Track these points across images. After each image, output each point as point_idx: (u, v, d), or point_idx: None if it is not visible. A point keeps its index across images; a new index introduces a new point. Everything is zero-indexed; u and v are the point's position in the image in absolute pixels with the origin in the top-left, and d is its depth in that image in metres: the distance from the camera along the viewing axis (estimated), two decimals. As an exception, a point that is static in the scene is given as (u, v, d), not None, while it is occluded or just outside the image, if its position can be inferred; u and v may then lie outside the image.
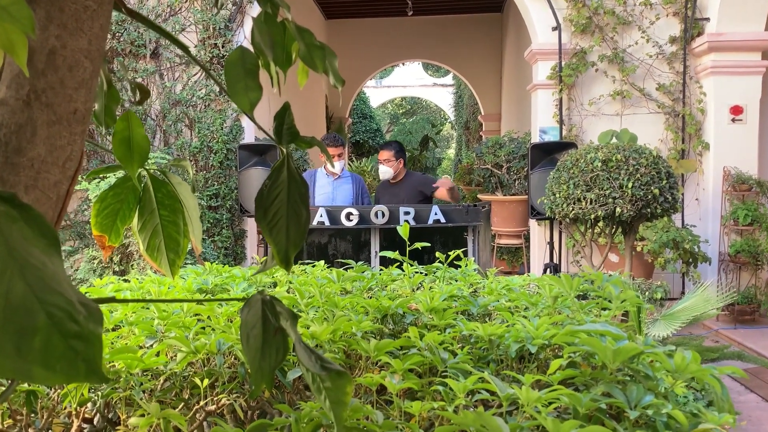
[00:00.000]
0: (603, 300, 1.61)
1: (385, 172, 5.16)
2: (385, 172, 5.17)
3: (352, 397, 0.69)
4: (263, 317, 0.69)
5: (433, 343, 1.19)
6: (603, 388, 1.00)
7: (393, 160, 5.14)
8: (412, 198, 5.04)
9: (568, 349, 1.14)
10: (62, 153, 0.65)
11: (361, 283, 1.97)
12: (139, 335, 1.35)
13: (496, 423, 0.76)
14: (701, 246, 6.10)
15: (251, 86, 0.74)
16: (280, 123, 0.87)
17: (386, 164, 5.14)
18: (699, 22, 6.52)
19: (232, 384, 1.16)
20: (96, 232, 1.07)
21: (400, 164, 5.20)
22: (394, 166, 5.16)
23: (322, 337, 1.20)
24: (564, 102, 6.66)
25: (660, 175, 3.99)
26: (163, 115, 6.68)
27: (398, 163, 5.18)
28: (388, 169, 5.14)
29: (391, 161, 5.14)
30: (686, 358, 1.02)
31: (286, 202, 0.89)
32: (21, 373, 0.45)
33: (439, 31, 13.44)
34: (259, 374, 0.65)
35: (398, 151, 5.22)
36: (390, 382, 1.00)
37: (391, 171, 5.15)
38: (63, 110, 0.64)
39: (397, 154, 5.18)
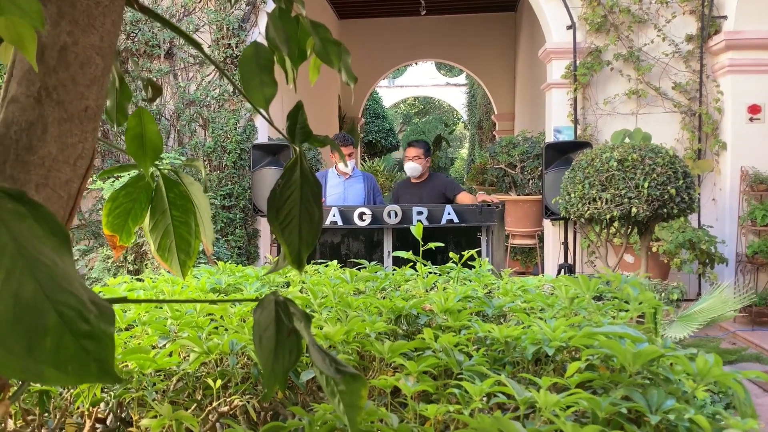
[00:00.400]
0: (620, 301, 1.58)
1: (414, 168, 5.13)
2: (413, 168, 5.13)
3: (366, 400, 0.67)
4: (276, 318, 0.67)
5: (448, 345, 1.17)
6: (623, 392, 0.98)
7: (422, 157, 5.13)
8: (435, 199, 5.00)
9: (587, 352, 1.11)
10: (73, 151, 0.64)
11: (374, 283, 1.95)
12: (152, 335, 1.34)
13: (515, 427, 0.75)
14: (718, 247, 6.02)
15: (266, 82, 0.73)
16: (293, 122, 0.86)
17: (415, 161, 5.12)
18: (716, 20, 6.44)
19: (245, 385, 1.14)
20: (107, 231, 1.06)
21: (428, 162, 5.19)
22: (423, 164, 5.14)
23: (336, 338, 1.18)
24: (579, 101, 6.61)
25: (677, 174, 3.94)
26: (177, 115, 6.71)
27: (426, 161, 5.17)
28: (417, 166, 5.12)
29: (420, 158, 5.12)
30: (708, 362, 0.99)
31: (299, 202, 0.88)
32: (32, 373, 0.44)
33: (453, 31, 13.40)
34: (272, 376, 0.64)
35: (427, 150, 5.20)
36: (405, 384, 0.99)
37: (420, 168, 5.12)
38: (74, 108, 0.63)
39: (426, 152, 5.17)
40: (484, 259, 2.46)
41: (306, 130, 0.86)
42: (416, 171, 5.12)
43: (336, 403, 0.70)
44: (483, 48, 13.53)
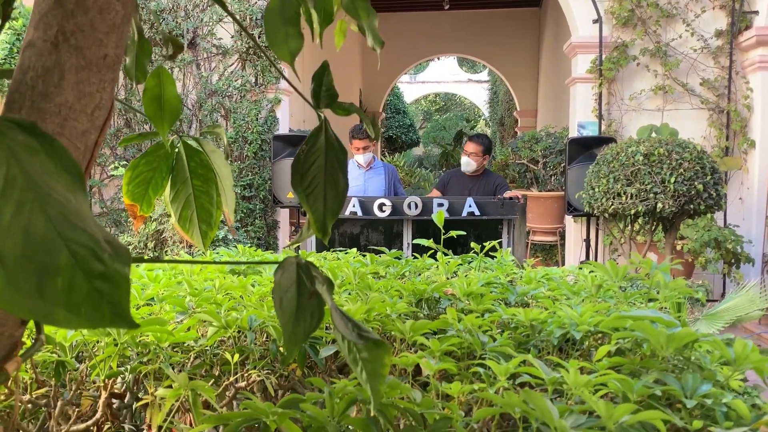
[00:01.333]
0: (650, 290, 1.53)
1: (470, 164, 5.13)
2: (469, 164, 5.13)
3: (389, 368, 0.64)
4: (298, 280, 0.64)
5: (472, 326, 1.13)
6: (655, 376, 0.94)
7: (479, 156, 5.13)
8: (485, 194, 4.97)
9: (617, 335, 1.07)
10: (91, 100, 0.62)
11: (394, 268, 1.92)
12: (171, 311, 1.33)
13: (545, 403, 0.71)
14: (744, 246, 5.89)
15: (291, 34, 0.70)
16: (318, 84, 0.83)
17: (472, 157, 5.12)
18: (747, 16, 6.30)
19: (263, 361, 1.12)
20: (127, 200, 1.04)
21: (484, 161, 5.18)
22: (479, 162, 5.13)
23: (356, 316, 1.15)
24: (604, 96, 6.51)
25: (704, 170, 3.86)
26: (199, 104, 6.73)
27: (483, 159, 5.16)
28: (473, 163, 5.12)
29: (477, 156, 5.12)
30: (747, 346, 0.95)
31: (323, 168, 0.85)
32: (42, 314, 0.41)
33: (476, 26, 13.30)
34: (292, 339, 0.61)
35: (487, 148, 5.17)
36: (427, 362, 0.95)
37: (475, 165, 5.13)
38: (93, 55, 0.61)
39: (485, 150, 5.15)
40: (506, 249, 2.42)
41: (332, 92, 0.83)
42: (470, 167, 5.14)
43: (359, 372, 0.67)
44: (506, 44, 13.42)
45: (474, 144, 5.15)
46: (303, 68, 7.59)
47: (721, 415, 0.84)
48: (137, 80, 0.81)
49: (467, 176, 5.19)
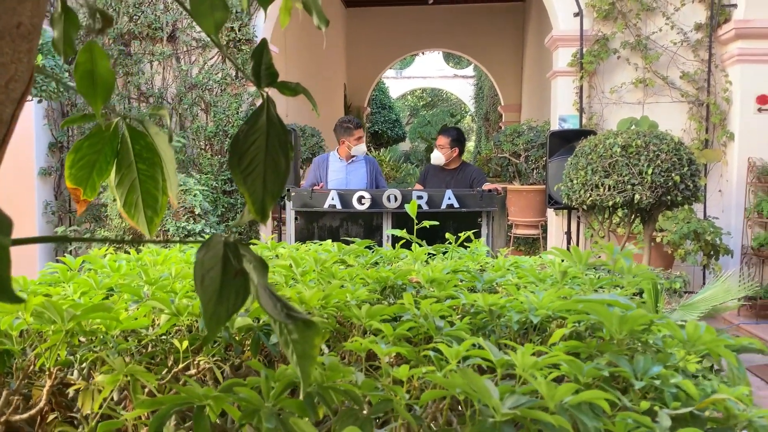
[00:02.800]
0: (616, 277, 1.53)
1: (437, 157, 5.21)
2: (437, 157, 5.21)
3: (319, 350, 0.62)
4: (224, 258, 0.62)
5: (429, 311, 1.12)
6: (608, 358, 0.93)
7: (447, 147, 5.18)
8: (461, 186, 5.00)
9: (572, 318, 1.06)
10: (5, 72, 0.59)
11: (364, 258, 1.90)
12: (127, 300, 1.30)
13: (483, 383, 0.69)
14: (723, 238, 5.94)
15: (216, 5, 0.67)
16: (258, 62, 0.81)
17: (440, 149, 5.18)
18: (726, 9, 6.34)
19: (215, 349, 1.10)
20: (70, 184, 1.02)
21: (454, 152, 5.21)
22: (447, 154, 5.18)
23: (312, 303, 1.14)
24: (584, 89, 6.53)
25: (681, 161, 3.87)
26: (179, 98, 6.66)
27: (452, 151, 5.20)
28: (441, 156, 5.18)
29: (445, 148, 5.18)
30: (699, 328, 0.94)
31: (264, 149, 0.83)
32: None
33: (460, 21, 13.29)
34: (214, 319, 0.59)
35: (455, 140, 5.22)
36: (378, 346, 0.94)
37: (443, 158, 5.18)
38: (4, 23, 0.58)
39: (453, 142, 5.20)
40: (479, 240, 2.41)
41: (272, 71, 0.81)
42: (439, 160, 5.18)
43: (290, 354, 0.65)
44: (490, 38, 13.42)
45: (442, 136, 5.22)
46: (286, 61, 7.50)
47: (669, 396, 0.83)
48: (66, 55, 0.78)
49: (445, 170, 5.23)
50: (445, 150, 5.15)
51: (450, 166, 5.23)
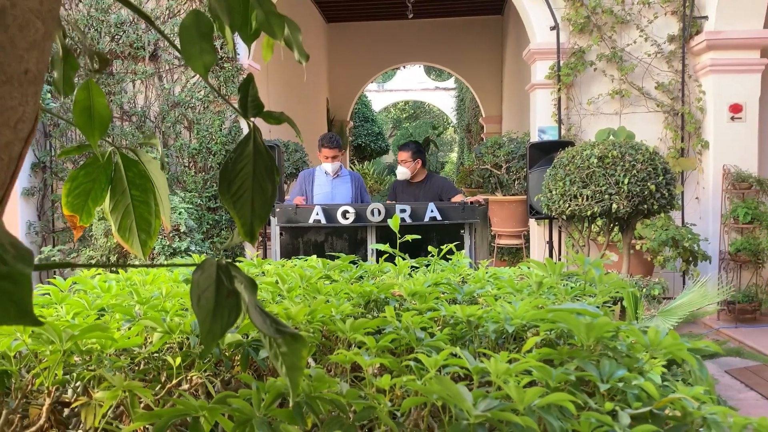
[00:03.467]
0: (586, 285, 1.60)
1: (403, 173, 5.28)
2: (403, 173, 5.29)
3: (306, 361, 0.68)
4: (217, 280, 0.68)
5: (410, 323, 1.18)
6: (577, 363, 0.99)
7: (410, 160, 5.25)
8: (431, 199, 5.08)
9: (544, 327, 1.13)
10: (13, 114, 0.65)
11: (348, 273, 1.96)
12: (120, 319, 1.35)
13: (457, 389, 0.76)
14: (701, 244, 6.06)
15: (206, 49, 0.74)
16: (244, 95, 0.87)
17: (404, 165, 5.26)
18: (697, 21, 6.51)
19: (207, 365, 1.15)
20: (67, 212, 1.07)
21: (417, 164, 5.29)
22: (411, 167, 5.26)
23: (299, 318, 1.19)
24: (562, 101, 6.66)
25: (657, 171, 3.98)
26: (162, 116, 6.69)
27: (416, 163, 5.28)
28: (406, 170, 5.26)
29: (408, 162, 5.25)
30: (660, 333, 1.01)
31: (251, 175, 0.88)
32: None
33: (440, 34, 13.46)
34: (210, 336, 0.65)
35: (415, 152, 5.30)
36: (362, 358, 0.99)
37: (409, 172, 5.26)
38: (13, 70, 0.64)
39: (414, 154, 5.28)
40: (461, 252, 2.47)
41: (257, 103, 0.87)
42: (405, 175, 5.27)
43: (279, 366, 0.70)
44: (470, 51, 13.60)
45: (403, 152, 5.30)
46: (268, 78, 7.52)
47: (632, 397, 0.90)
48: (65, 93, 0.84)
49: (413, 184, 5.33)
50: (409, 164, 5.23)
51: (416, 179, 5.32)
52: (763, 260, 6.18)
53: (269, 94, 8.67)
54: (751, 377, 4.89)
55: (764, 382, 4.76)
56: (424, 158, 5.40)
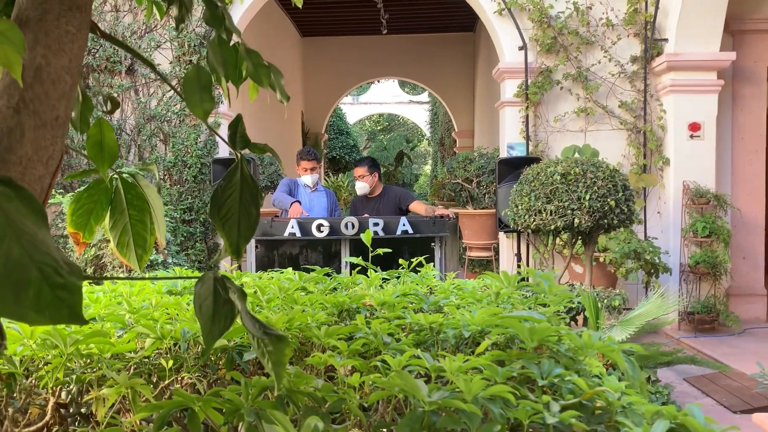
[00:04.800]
0: (539, 296, 1.76)
1: (362, 187, 5.42)
2: (361, 187, 5.42)
3: (289, 358, 0.82)
4: (214, 291, 0.82)
5: (379, 330, 1.32)
6: (521, 363, 1.15)
7: (367, 175, 5.39)
8: (390, 211, 5.26)
9: (495, 331, 1.28)
10: (45, 152, 0.78)
11: (322, 285, 2.09)
12: (111, 328, 1.46)
13: (414, 382, 0.90)
14: (662, 257, 6.32)
15: (205, 98, 0.88)
16: (234, 131, 1.01)
17: (362, 180, 5.39)
18: (658, 43, 6.81)
19: (195, 368, 1.28)
20: (71, 229, 1.19)
21: (374, 178, 5.44)
22: (369, 181, 5.41)
23: (278, 326, 1.33)
24: (530, 119, 6.89)
25: (616, 187, 4.19)
26: (138, 129, 6.76)
27: (373, 177, 5.42)
28: (364, 185, 5.40)
29: (365, 176, 5.39)
30: (592, 336, 1.17)
31: (238, 201, 1.02)
32: (18, 316, 0.58)
33: (414, 50, 13.71)
34: (210, 337, 0.79)
35: (371, 166, 5.45)
36: (335, 359, 1.14)
37: (367, 186, 5.40)
38: (47, 117, 0.77)
39: (370, 168, 5.42)
40: (429, 265, 2.62)
41: (245, 138, 1.02)
42: (364, 189, 5.42)
43: (266, 363, 0.84)
44: (443, 67, 13.87)
45: (359, 167, 5.47)
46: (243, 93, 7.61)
47: (566, 391, 1.05)
48: (81, 131, 0.97)
49: (370, 198, 5.49)
50: (367, 178, 5.40)
51: (374, 193, 5.49)
52: (720, 273, 6.45)
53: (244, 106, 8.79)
54: (708, 384, 5.12)
55: (720, 389, 4.99)
56: (380, 172, 5.58)
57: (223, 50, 0.91)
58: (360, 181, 5.42)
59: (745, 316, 6.98)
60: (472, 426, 0.87)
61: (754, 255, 7.10)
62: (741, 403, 4.61)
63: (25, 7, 0.77)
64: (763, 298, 7.10)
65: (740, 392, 4.79)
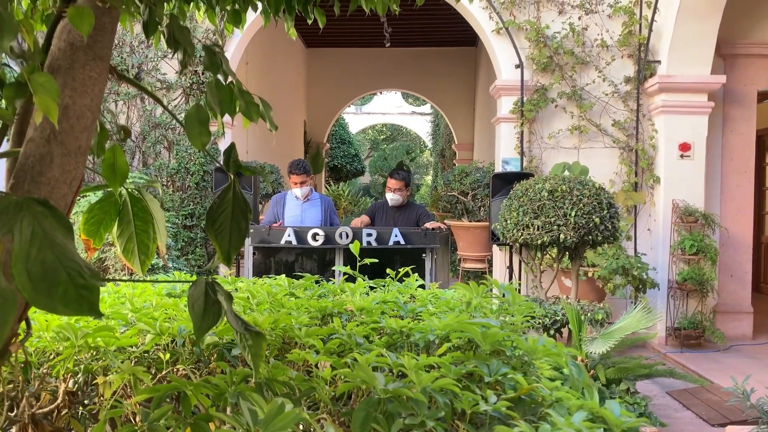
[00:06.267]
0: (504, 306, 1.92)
1: (395, 200, 5.67)
2: (395, 200, 5.68)
3: (265, 351, 0.99)
4: (205, 292, 0.99)
5: (353, 332, 1.49)
6: (474, 362, 1.31)
7: (404, 189, 5.70)
8: (408, 223, 5.48)
9: (455, 335, 1.45)
10: (69, 175, 0.95)
11: (310, 291, 2.26)
12: (116, 325, 1.63)
13: (372, 374, 1.06)
14: (650, 273, 6.48)
15: (203, 132, 1.05)
16: (228, 157, 1.19)
17: (397, 193, 5.66)
18: (651, 64, 7.00)
19: (190, 361, 1.44)
20: (83, 236, 1.36)
21: (408, 192, 5.74)
22: (403, 195, 5.71)
23: (264, 326, 1.49)
24: (525, 135, 7.07)
25: (601, 205, 4.36)
26: (143, 137, 6.95)
27: (407, 192, 5.74)
28: (399, 198, 5.67)
29: (402, 191, 5.69)
30: (538, 341, 1.33)
31: (230, 216, 1.19)
32: (50, 308, 0.75)
33: (416, 63, 13.93)
34: (200, 330, 0.95)
35: (408, 183, 5.71)
36: (310, 355, 1.30)
37: (401, 199, 5.68)
38: (71, 146, 0.94)
39: (407, 184, 5.72)
40: (414, 275, 2.79)
41: (237, 162, 1.19)
42: (397, 202, 5.68)
43: (246, 354, 1.01)
44: (445, 80, 14.08)
45: (396, 180, 5.68)
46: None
47: (509, 387, 1.22)
48: (98, 155, 1.14)
49: (393, 208, 5.68)
50: (402, 192, 5.63)
51: (399, 204, 5.69)
52: (707, 290, 6.60)
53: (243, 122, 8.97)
54: (689, 398, 5.27)
55: (700, 402, 5.14)
56: (411, 186, 5.83)
57: (220, 91, 1.08)
58: (395, 194, 5.66)
59: (732, 332, 7.13)
60: (419, 411, 1.03)
61: (741, 273, 7.25)
62: (719, 417, 4.76)
63: (57, 57, 0.94)
64: (749, 316, 7.24)
65: (719, 406, 4.94)
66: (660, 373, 4.26)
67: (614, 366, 4.28)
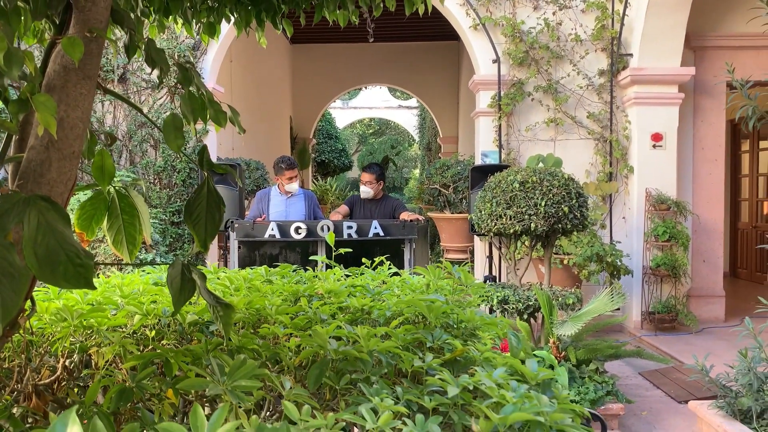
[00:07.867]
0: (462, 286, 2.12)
1: (366, 192, 5.91)
2: (366, 192, 5.91)
3: (234, 320, 1.18)
4: (182, 272, 1.18)
5: (319, 310, 1.69)
6: (422, 332, 1.51)
7: (374, 182, 5.88)
8: (384, 216, 5.70)
9: (407, 310, 1.65)
10: (65, 176, 1.14)
11: (287, 278, 2.45)
12: (107, 309, 1.82)
13: (327, 340, 1.26)
14: (624, 260, 6.72)
15: (179, 137, 1.24)
16: (201, 156, 1.38)
17: (368, 186, 5.86)
18: (623, 58, 7.22)
19: (173, 338, 1.63)
20: (77, 230, 1.55)
21: (380, 186, 5.90)
22: (375, 188, 5.92)
23: (239, 306, 1.69)
24: (503, 128, 7.28)
25: (570, 195, 4.57)
26: (130, 135, 7.10)
27: (378, 185, 5.92)
28: (369, 191, 5.89)
29: (372, 184, 5.87)
30: (474, 313, 1.53)
31: (205, 208, 1.39)
32: (54, 283, 0.94)
33: (400, 57, 14.11)
34: (178, 303, 1.14)
35: (379, 175, 5.90)
36: (278, 329, 1.50)
37: (372, 192, 5.90)
38: (67, 152, 1.13)
39: (378, 177, 5.87)
40: (385, 263, 2.98)
41: (209, 162, 1.38)
42: (368, 194, 5.88)
43: (218, 323, 1.21)
44: (429, 74, 14.27)
45: (368, 174, 5.92)
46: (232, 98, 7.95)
47: (448, 350, 1.42)
48: (88, 158, 1.32)
49: (370, 201, 5.91)
50: (373, 185, 5.83)
51: (375, 197, 5.90)
52: (680, 275, 6.85)
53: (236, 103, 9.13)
54: (660, 378, 5.51)
55: (670, 382, 5.38)
56: (385, 180, 6.02)
57: (192, 102, 1.27)
58: (366, 187, 5.89)
59: (706, 316, 7.39)
60: (366, 368, 1.23)
61: (713, 258, 7.51)
62: (686, 395, 5.00)
63: (53, 77, 1.13)
64: (722, 299, 7.51)
65: (687, 385, 5.18)
66: (627, 354, 4.49)
67: (584, 347, 4.50)
